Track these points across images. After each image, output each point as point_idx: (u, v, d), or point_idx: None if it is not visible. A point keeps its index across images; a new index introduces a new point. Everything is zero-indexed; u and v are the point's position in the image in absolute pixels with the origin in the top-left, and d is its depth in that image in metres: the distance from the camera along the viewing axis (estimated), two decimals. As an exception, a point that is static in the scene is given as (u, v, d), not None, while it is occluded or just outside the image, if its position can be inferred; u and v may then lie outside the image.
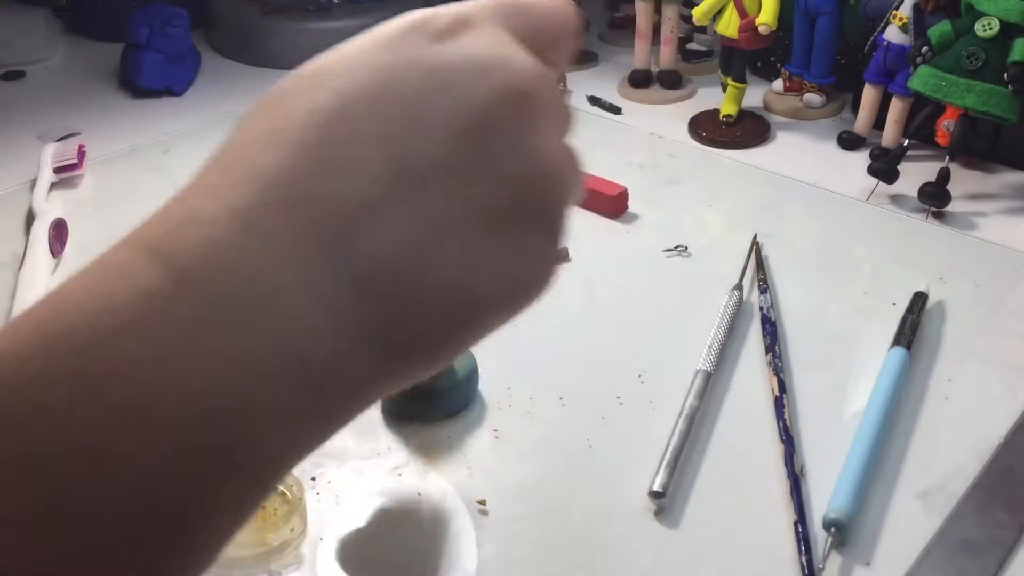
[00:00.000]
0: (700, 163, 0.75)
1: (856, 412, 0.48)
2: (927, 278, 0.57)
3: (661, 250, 0.63)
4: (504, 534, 0.42)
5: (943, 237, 0.64)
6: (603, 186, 0.67)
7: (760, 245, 0.61)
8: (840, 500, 0.42)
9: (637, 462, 0.45)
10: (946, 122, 0.69)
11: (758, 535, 0.42)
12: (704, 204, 0.69)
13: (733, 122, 0.78)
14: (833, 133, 0.78)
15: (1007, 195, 0.69)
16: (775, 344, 0.52)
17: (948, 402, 0.49)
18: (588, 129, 0.80)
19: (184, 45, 0.88)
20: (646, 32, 0.85)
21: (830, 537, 0.41)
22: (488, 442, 0.47)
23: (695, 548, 0.41)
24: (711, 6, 0.75)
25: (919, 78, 0.65)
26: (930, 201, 0.66)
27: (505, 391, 0.50)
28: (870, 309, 0.57)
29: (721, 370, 0.51)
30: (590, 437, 0.47)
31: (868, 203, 0.68)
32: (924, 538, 0.41)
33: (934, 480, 0.45)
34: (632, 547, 0.41)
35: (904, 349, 0.51)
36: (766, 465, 0.46)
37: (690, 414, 0.47)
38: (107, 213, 0.67)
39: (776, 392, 0.49)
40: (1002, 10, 0.62)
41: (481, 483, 0.45)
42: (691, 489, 0.44)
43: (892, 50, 0.70)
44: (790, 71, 0.82)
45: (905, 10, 0.69)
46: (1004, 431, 0.47)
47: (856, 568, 0.40)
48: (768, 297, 0.56)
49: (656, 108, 0.84)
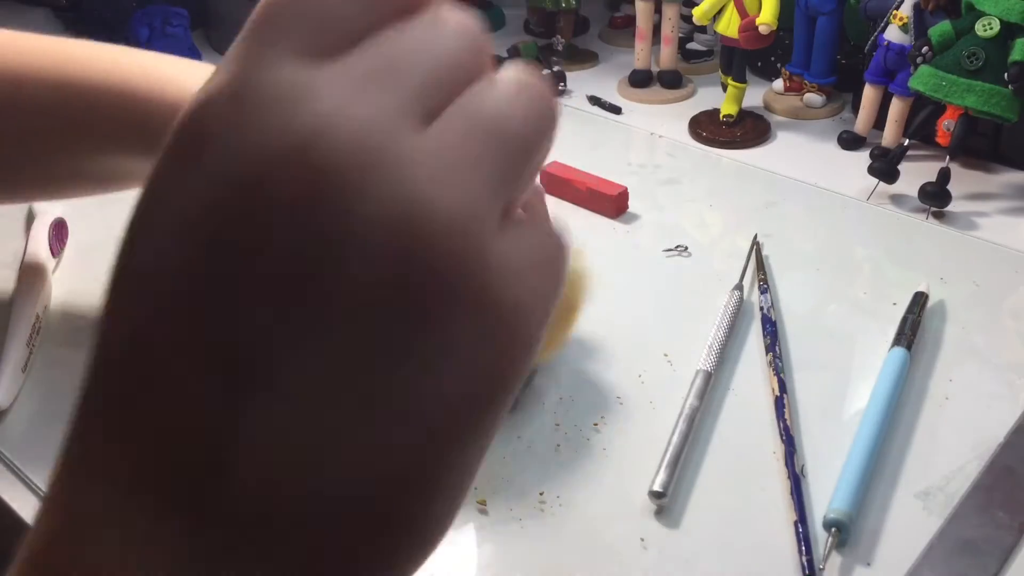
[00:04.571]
0: (700, 163, 0.75)
1: (856, 412, 0.48)
2: (927, 278, 0.57)
3: (661, 250, 0.63)
4: (504, 534, 0.42)
5: (943, 237, 0.64)
6: (603, 186, 0.67)
7: (760, 245, 0.61)
8: (840, 500, 0.42)
9: (637, 462, 0.45)
10: (946, 122, 0.69)
11: (758, 535, 0.42)
12: (704, 204, 0.69)
13: (733, 122, 0.78)
14: (833, 133, 0.77)
15: (1007, 195, 0.69)
16: (775, 344, 0.52)
17: (948, 402, 0.49)
18: (588, 129, 0.80)
19: (184, 45, 0.88)
20: (646, 32, 0.85)
21: (830, 537, 0.41)
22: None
23: (695, 548, 0.41)
24: (711, 6, 0.75)
25: (919, 78, 0.65)
26: (930, 201, 0.66)
27: (505, 391, 0.50)
28: (870, 309, 0.57)
29: (721, 370, 0.51)
30: (590, 437, 0.47)
31: (868, 203, 0.68)
32: (924, 538, 0.41)
33: (934, 480, 0.45)
34: (632, 547, 0.41)
35: (904, 349, 0.51)
36: (766, 465, 0.46)
37: (690, 414, 0.47)
38: (107, 213, 0.67)
39: (776, 392, 0.49)
40: (1002, 10, 0.62)
41: (481, 483, 0.45)
42: (691, 489, 0.44)
43: (892, 50, 0.70)
44: (790, 71, 0.81)
45: (905, 10, 0.69)
46: (1004, 431, 0.47)
47: (856, 568, 0.40)
48: (768, 297, 0.56)
49: (656, 108, 0.84)
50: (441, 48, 0.20)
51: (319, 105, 0.17)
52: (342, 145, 0.16)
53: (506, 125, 0.19)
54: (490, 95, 0.19)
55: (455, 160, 0.18)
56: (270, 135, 0.17)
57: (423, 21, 0.20)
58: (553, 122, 0.21)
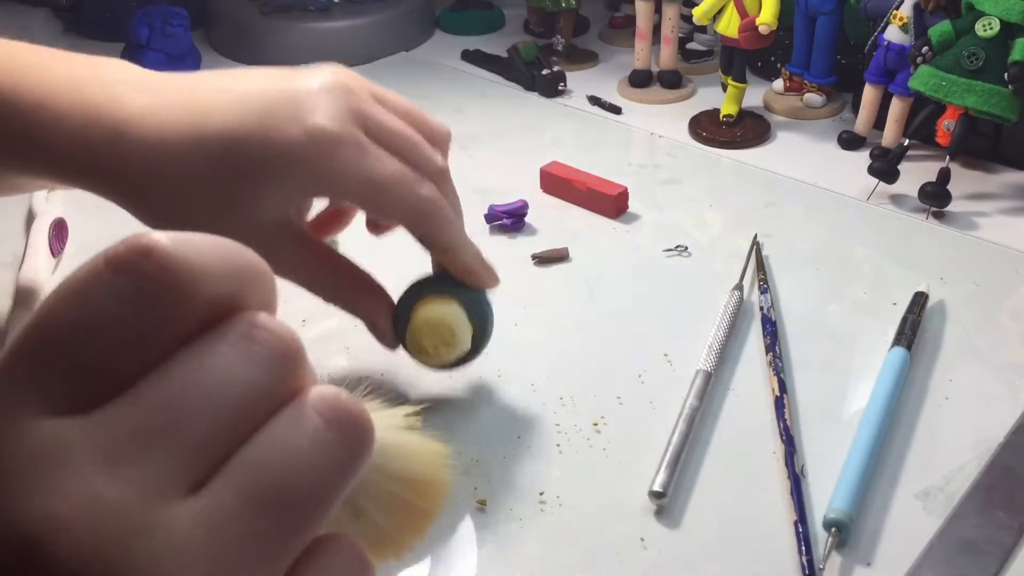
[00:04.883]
0: (700, 163, 0.75)
1: (856, 412, 0.48)
2: (927, 278, 0.57)
3: (661, 250, 0.63)
4: (504, 534, 0.42)
5: (943, 237, 0.64)
6: (603, 186, 0.67)
7: (760, 245, 0.61)
8: (840, 500, 0.42)
9: (637, 462, 0.45)
10: (946, 122, 0.69)
11: (758, 535, 0.42)
12: (704, 204, 0.69)
13: (733, 122, 0.78)
14: (833, 133, 0.77)
15: (1007, 195, 0.69)
16: (775, 344, 0.52)
17: (948, 402, 0.49)
18: (588, 129, 0.80)
19: (184, 45, 0.88)
20: (646, 32, 0.85)
21: (830, 537, 0.41)
22: (488, 442, 0.47)
23: (695, 548, 0.41)
24: (711, 6, 0.75)
25: (919, 78, 0.65)
26: (930, 201, 0.66)
27: (505, 391, 0.50)
28: (870, 309, 0.57)
29: (721, 370, 0.51)
30: (590, 437, 0.47)
31: (868, 203, 0.68)
32: (924, 538, 0.41)
33: (934, 480, 0.45)
34: (632, 547, 0.41)
35: (904, 349, 0.51)
36: (766, 465, 0.46)
37: (690, 414, 0.47)
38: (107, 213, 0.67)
39: (776, 392, 0.49)
40: (1002, 10, 0.62)
41: (481, 483, 0.45)
42: (691, 489, 0.44)
43: (892, 50, 0.70)
44: (790, 71, 0.81)
45: (905, 10, 0.69)
46: (1004, 431, 0.47)
47: (856, 568, 0.40)
48: (768, 297, 0.56)
49: (656, 108, 0.84)
50: (237, 385, 0.17)
51: (62, 484, 0.15)
52: (82, 544, 0.15)
53: (296, 482, 0.17)
54: (284, 442, 0.17)
55: (221, 546, 0.16)
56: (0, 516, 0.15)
57: (223, 344, 0.18)
58: (364, 454, 0.19)
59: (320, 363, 0.52)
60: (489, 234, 0.64)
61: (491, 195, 0.66)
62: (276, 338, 0.18)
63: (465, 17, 1.02)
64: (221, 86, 0.44)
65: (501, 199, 0.65)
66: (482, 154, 0.75)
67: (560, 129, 0.81)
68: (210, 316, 0.18)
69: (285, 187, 0.43)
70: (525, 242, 0.64)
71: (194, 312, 0.17)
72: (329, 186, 0.44)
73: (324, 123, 0.42)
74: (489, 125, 0.80)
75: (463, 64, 0.94)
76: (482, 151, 0.75)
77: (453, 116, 0.82)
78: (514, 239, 0.64)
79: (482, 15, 1.02)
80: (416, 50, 0.98)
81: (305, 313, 0.53)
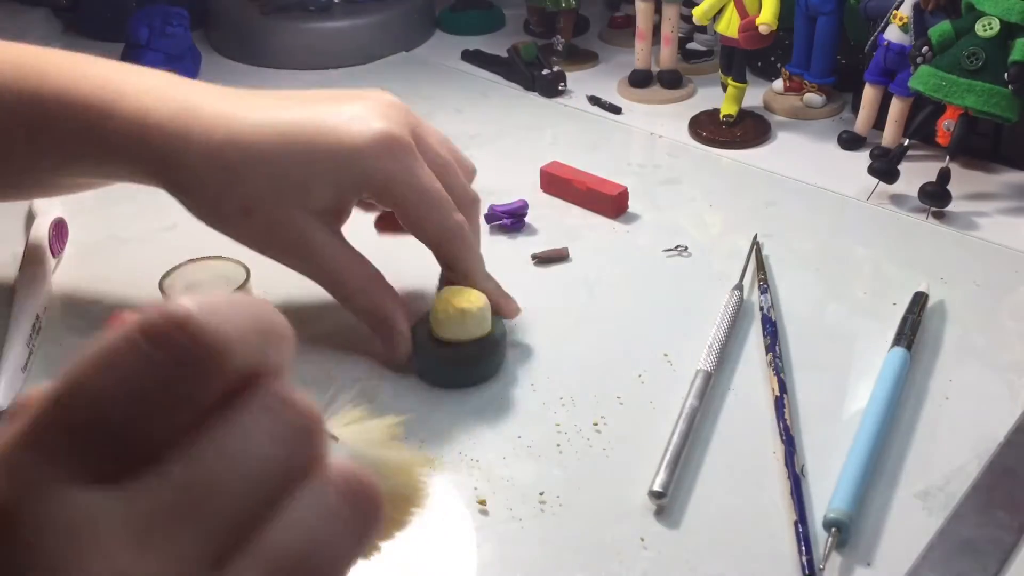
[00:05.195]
0: (700, 163, 0.75)
1: (856, 412, 0.48)
2: (927, 278, 0.57)
3: (661, 250, 0.63)
4: (504, 534, 0.42)
5: (943, 237, 0.64)
6: (603, 186, 0.67)
7: (760, 245, 0.61)
8: (840, 500, 0.42)
9: (637, 462, 0.45)
10: (946, 122, 0.69)
11: (758, 535, 0.42)
12: (704, 204, 0.69)
13: (733, 122, 0.78)
14: (833, 133, 0.77)
15: (1007, 195, 0.69)
16: (775, 344, 0.52)
17: (948, 402, 0.49)
18: (588, 129, 0.80)
19: (184, 45, 0.88)
20: (646, 32, 0.85)
21: (830, 537, 0.41)
22: (488, 442, 0.47)
23: (695, 548, 0.41)
24: (711, 6, 0.75)
25: (919, 78, 0.65)
26: (930, 201, 0.66)
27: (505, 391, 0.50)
28: (870, 309, 0.57)
29: (721, 370, 0.51)
30: (590, 437, 0.47)
31: (868, 203, 0.68)
32: (924, 538, 0.41)
33: (934, 480, 0.45)
34: (632, 547, 0.41)
35: (904, 349, 0.51)
36: (766, 465, 0.46)
37: (690, 414, 0.47)
38: (107, 213, 0.67)
39: (776, 392, 0.49)
40: (1002, 10, 0.62)
41: (481, 483, 0.45)
42: (691, 489, 0.44)
43: (892, 50, 0.70)
44: (790, 71, 0.81)
45: (905, 10, 0.69)
46: (1004, 431, 0.47)
47: (856, 568, 0.40)
48: (768, 297, 0.56)
49: (656, 108, 0.84)
50: (263, 462, 0.18)
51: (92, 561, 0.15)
52: None
53: (317, 562, 0.18)
54: (307, 525, 0.18)
55: None
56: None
57: (248, 418, 0.18)
58: (376, 525, 0.20)
59: (319, 366, 0.52)
60: (489, 234, 0.64)
61: (491, 195, 0.66)
62: (299, 414, 0.19)
63: (465, 17, 1.02)
64: (288, 94, 0.50)
65: (501, 199, 0.65)
66: (482, 154, 0.75)
67: (560, 129, 0.81)
68: (235, 380, 0.18)
69: (344, 178, 0.47)
70: (525, 242, 0.64)
71: (223, 382, 0.18)
72: (383, 186, 0.47)
73: (391, 127, 0.46)
74: (489, 125, 0.80)
75: (463, 64, 0.94)
76: (482, 151, 0.75)
77: (453, 116, 0.82)
78: (514, 239, 0.64)
79: (482, 15, 1.02)
80: (416, 50, 0.98)
81: (304, 314, 0.53)
